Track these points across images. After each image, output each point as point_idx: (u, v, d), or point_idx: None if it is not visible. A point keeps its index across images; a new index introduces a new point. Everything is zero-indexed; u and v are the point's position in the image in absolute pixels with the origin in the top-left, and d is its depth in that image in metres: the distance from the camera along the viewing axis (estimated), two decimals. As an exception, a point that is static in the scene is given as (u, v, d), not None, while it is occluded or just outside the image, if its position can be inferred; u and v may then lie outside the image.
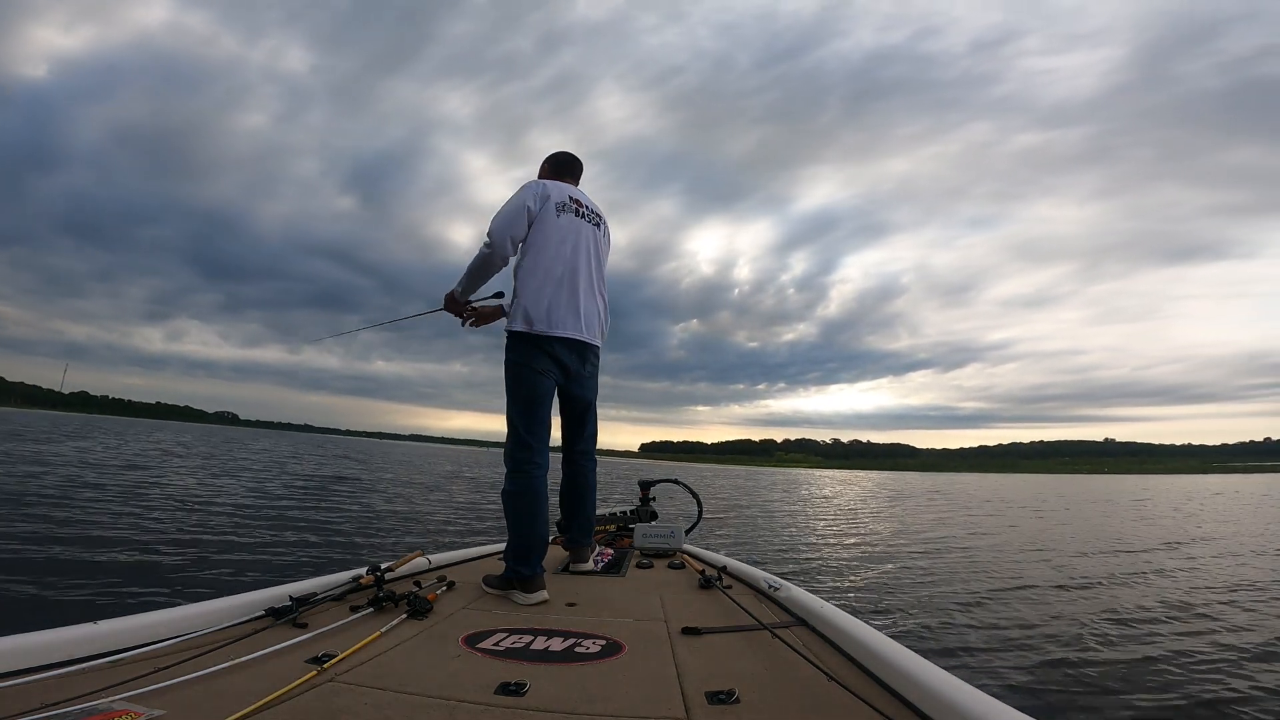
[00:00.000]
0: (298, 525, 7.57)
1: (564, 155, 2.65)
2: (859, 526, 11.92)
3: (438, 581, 2.20)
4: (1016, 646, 3.95)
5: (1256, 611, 4.98)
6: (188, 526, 6.75)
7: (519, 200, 2.34)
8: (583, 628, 1.76)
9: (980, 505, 19.26)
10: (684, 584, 2.41)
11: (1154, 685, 3.28)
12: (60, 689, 1.13)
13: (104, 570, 4.54)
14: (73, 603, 3.75)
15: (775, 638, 1.63)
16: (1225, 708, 3.00)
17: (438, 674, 1.37)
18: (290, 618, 1.66)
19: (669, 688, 1.33)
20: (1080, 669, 3.53)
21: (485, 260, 2.34)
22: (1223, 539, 10.37)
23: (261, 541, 6.31)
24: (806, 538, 9.88)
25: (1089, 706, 3.01)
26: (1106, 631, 4.33)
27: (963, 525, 12.50)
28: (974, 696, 1.10)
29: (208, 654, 1.36)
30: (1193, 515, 15.81)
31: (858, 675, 1.40)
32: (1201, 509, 18.27)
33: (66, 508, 7.11)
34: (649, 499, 3.57)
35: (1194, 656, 3.76)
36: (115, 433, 37.76)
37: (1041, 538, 10.40)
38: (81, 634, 1.35)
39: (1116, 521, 13.87)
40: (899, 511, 16.13)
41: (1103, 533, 11.46)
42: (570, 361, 2.41)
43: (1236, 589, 5.94)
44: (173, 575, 4.60)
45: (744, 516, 13.06)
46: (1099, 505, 20.25)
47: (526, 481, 2.26)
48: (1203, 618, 4.75)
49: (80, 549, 5.11)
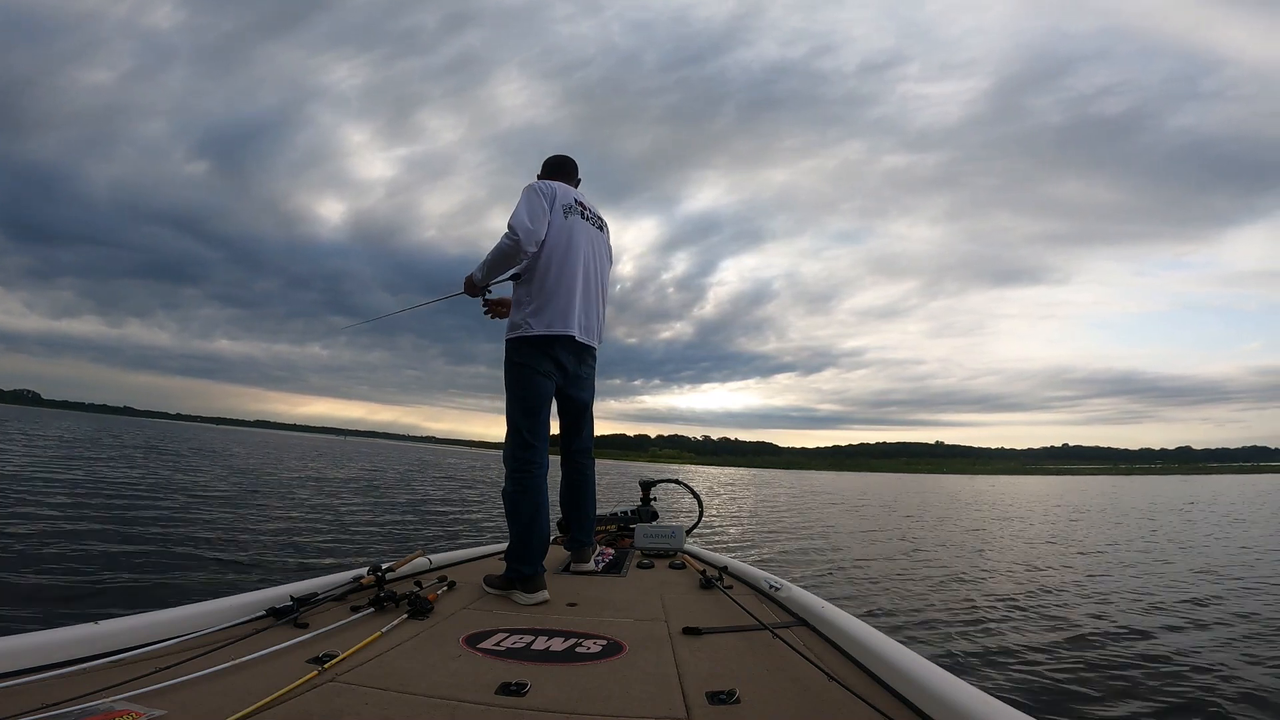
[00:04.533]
0: (315, 524, 7.56)
1: (562, 158, 2.64)
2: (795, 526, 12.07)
3: (438, 581, 2.20)
4: (1018, 646, 3.95)
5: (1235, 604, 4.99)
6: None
7: (535, 200, 2.31)
8: (583, 628, 1.76)
9: (889, 503, 19.91)
10: (685, 584, 2.41)
11: (1156, 684, 3.28)
12: (61, 689, 1.13)
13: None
14: (73, 602, 3.75)
15: (776, 638, 1.63)
16: (1226, 707, 3.01)
17: (439, 674, 1.37)
18: (291, 618, 1.66)
19: (669, 688, 1.33)
20: (1077, 664, 3.54)
21: (507, 252, 2.28)
22: (1184, 541, 10.39)
23: (262, 541, 6.31)
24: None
25: (1089, 706, 3.01)
26: (1106, 630, 4.33)
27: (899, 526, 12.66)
28: (974, 696, 1.10)
29: (209, 654, 1.36)
30: (1090, 513, 16.54)
31: (858, 675, 1.40)
32: (1101, 507, 19.34)
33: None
34: (650, 499, 3.57)
35: (1196, 656, 3.76)
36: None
37: (977, 536, 10.70)
38: (82, 634, 1.35)
39: (1050, 521, 14.29)
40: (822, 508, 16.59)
41: (1042, 531, 11.73)
42: (569, 363, 2.40)
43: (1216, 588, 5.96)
44: (174, 575, 4.60)
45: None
46: (1000, 505, 21.20)
47: (528, 481, 2.26)
48: (1204, 619, 4.75)
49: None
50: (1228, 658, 3.73)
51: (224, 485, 11.47)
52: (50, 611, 3.54)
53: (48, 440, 21.16)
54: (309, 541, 6.59)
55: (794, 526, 11.70)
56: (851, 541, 9.65)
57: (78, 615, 3.24)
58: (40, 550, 4.91)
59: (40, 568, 4.41)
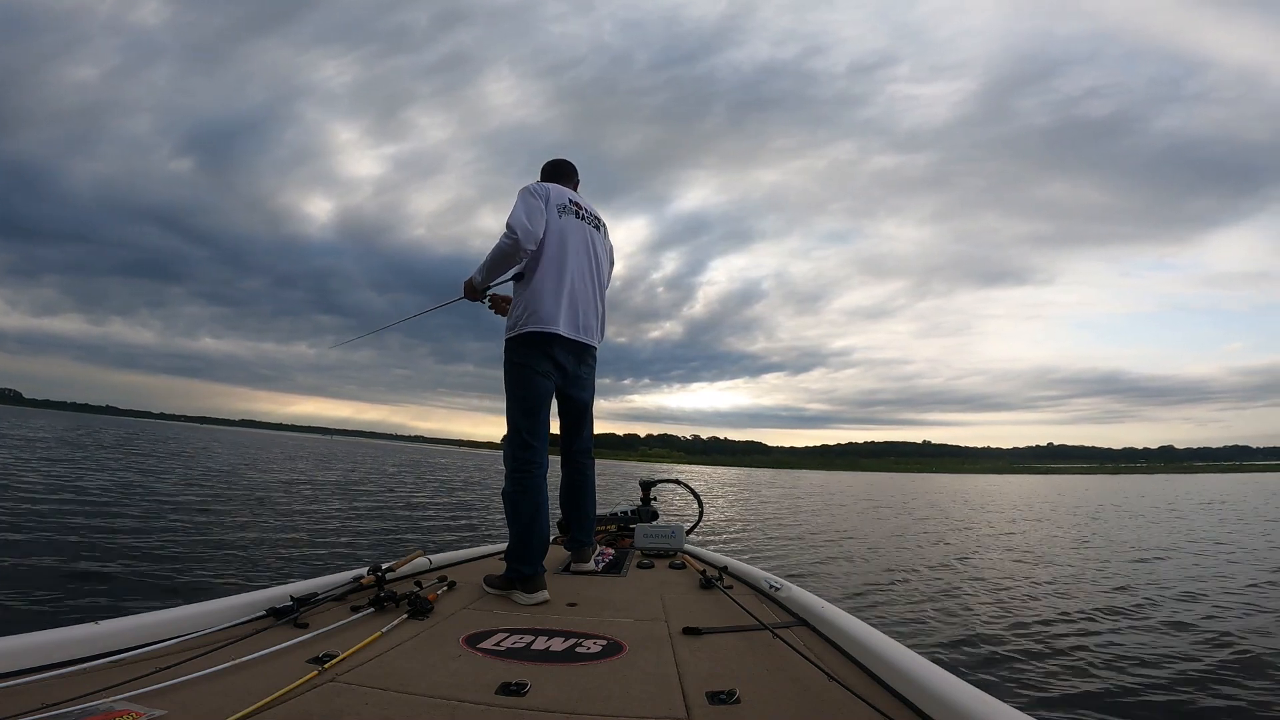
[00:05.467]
0: (296, 525, 7.55)
1: (561, 162, 2.67)
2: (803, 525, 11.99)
3: (438, 581, 2.20)
4: (1018, 646, 3.94)
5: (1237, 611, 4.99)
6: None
7: (531, 201, 2.32)
8: (583, 628, 1.76)
9: (907, 503, 19.90)
10: (685, 584, 2.41)
11: (1158, 684, 3.28)
12: (61, 689, 1.13)
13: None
14: (73, 603, 3.75)
15: (776, 638, 1.63)
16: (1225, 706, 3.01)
17: (439, 674, 1.37)
18: (291, 618, 1.66)
19: (670, 688, 1.33)
20: (1077, 664, 3.53)
21: (506, 252, 2.30)
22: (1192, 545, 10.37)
23: (262, 541, 6.31)
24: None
25: (1090, 706, 3.01)
26: (1104, 628, 4.33)
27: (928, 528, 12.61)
28: (974, 696, 1.10)
29: (209, 654, 1.36)
30: (1095, 512, 16.58)
31: (858, 675, 1.39)
32: (1101, 507, 19.21)
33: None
34: (650, 499, 3.57)
35: (1196, 658, 3.76)
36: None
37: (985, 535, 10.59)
38: (82, 634, 1.35)
39: (1049, 521, 14.24)
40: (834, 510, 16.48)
41: (1048, 530, 11.71)
42: (568, 363, 2.40)
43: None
44: (173, 575, 4.60)
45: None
46: (1000, 503, 21.49)
47: (528, 481, 2.26)
48: (1204, 629, 4.74)
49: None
50: (1241, 659, 3.71)
51: (213, 487, 11.43)
52: (50, 611, 3.55)
53: (20, 439, 21.02)
54: (309, 541, 6.60)
55: (794, 526, 11.74)
56: (851, 541, 9.66)
57: (78, 615, 3.25)
58: (39, 550, 4.91)
59: (39, 567, 4.42)
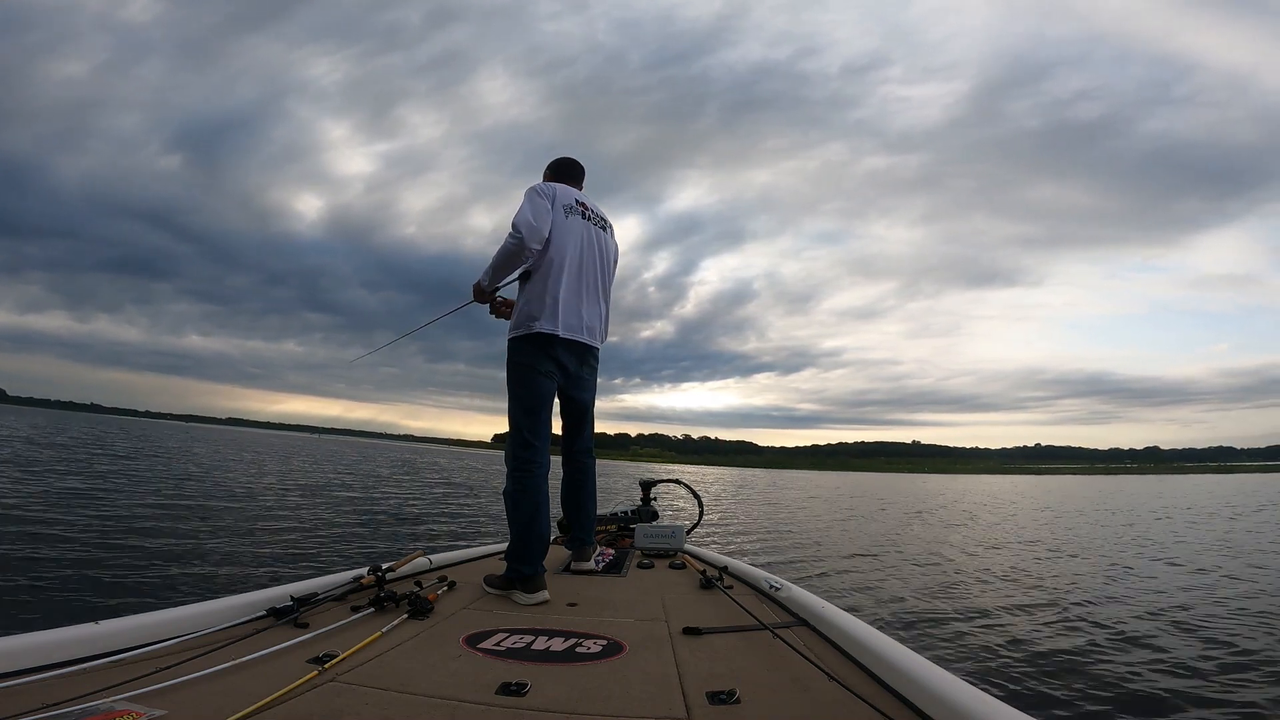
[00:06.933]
0: (296, 525, 7.55)
1: (567, 161, 2.66)
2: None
3: (439, 581, 2.19)
4: (1018, 646, 3.94)
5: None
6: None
7: (537, 200, 2.32)
8: (584, 628, 1.76)
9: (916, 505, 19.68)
10: (685, 584, 2.41)
11: (1157, 685, 3.28)
12: (61, 689, 1.13)
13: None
14: (73, 603, 3.75)
15: (776, 638, 1.63)
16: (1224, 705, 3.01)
17: (439, 674, 1.37)
18: (291, 618, 1.66)
19: (670, 688, 1.33)
20: (1078, 664, 3.53)
21: (512, 252, 2.29)
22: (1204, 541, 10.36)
23: (262, 541, 6.31)
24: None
25: (1090, 706, 3.01)
26: (1104, 628, 4.33)
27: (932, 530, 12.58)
28: (974, 696, 1.10)
29: (209, 654, 1.36)
30: (1097, 515, 16.24)
31: (858, 675, 1.39)
32: (1103, 508, 18.94)
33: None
34: (650, 499, 3.57)
35: (1205, 660, 3.76)
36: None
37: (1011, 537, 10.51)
38: (83, 634, 1.35)
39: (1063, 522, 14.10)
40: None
41: (1067, 532, 11.63)
42: (570, 363, 2.40)
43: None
44: (174, 575, 4.60)
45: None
46: (1001, 503, 21.38)
47: (528, 481, 2.26)
48: (1203, 633, 4.74)
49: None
50: (1241, 659, 3.70)
51: (208, 486, 11.43)
52: (50, 612, 3.54)
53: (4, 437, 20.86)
54: (309, 541, 6.59)
55: (792, 526, 11.73)
56: (851, 541, 9.66)
57: (78, 615, 3.24)
58: (37, 550, 4.92)
59: (39, 567, 4.42)
